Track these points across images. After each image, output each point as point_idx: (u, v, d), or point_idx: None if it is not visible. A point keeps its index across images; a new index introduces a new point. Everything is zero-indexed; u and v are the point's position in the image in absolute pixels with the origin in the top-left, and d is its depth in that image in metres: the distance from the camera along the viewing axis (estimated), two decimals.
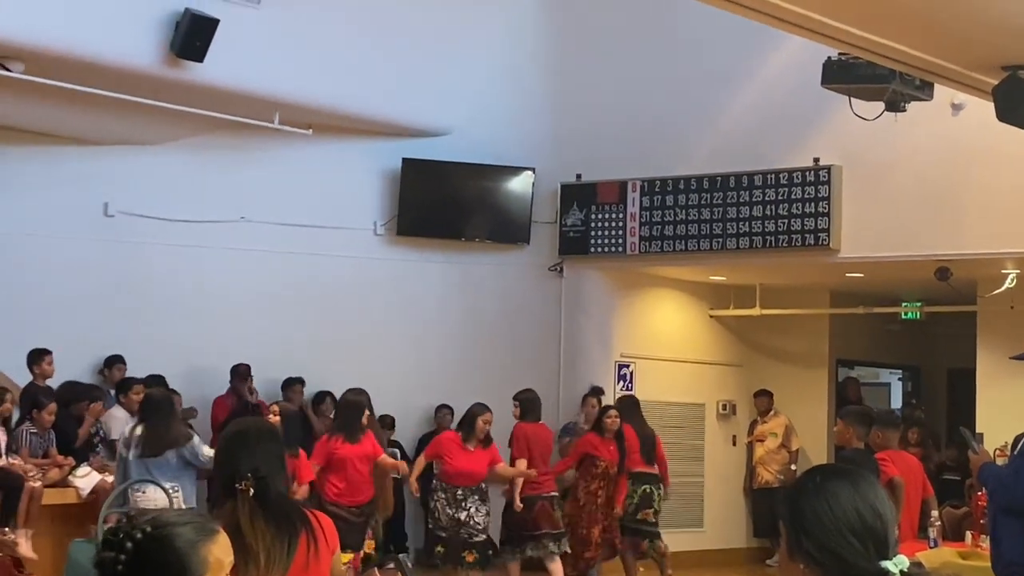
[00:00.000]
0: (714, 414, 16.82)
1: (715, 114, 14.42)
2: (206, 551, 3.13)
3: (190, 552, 3.10)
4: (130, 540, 3.06)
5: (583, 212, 15.09)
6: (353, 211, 14.92)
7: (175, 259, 13.92)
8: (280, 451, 4.91)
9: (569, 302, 15.39)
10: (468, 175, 15.20)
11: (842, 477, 3.04)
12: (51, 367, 12.28)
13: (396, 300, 15.03)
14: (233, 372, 13.80)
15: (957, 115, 12.66)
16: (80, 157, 13.63)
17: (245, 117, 13.20)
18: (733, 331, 16.97)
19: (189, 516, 3.29)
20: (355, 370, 14.38)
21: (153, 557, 3.06)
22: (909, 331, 17.88)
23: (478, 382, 13.80)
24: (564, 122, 15.18)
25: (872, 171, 13.47)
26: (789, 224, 13.79)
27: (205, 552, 3.13)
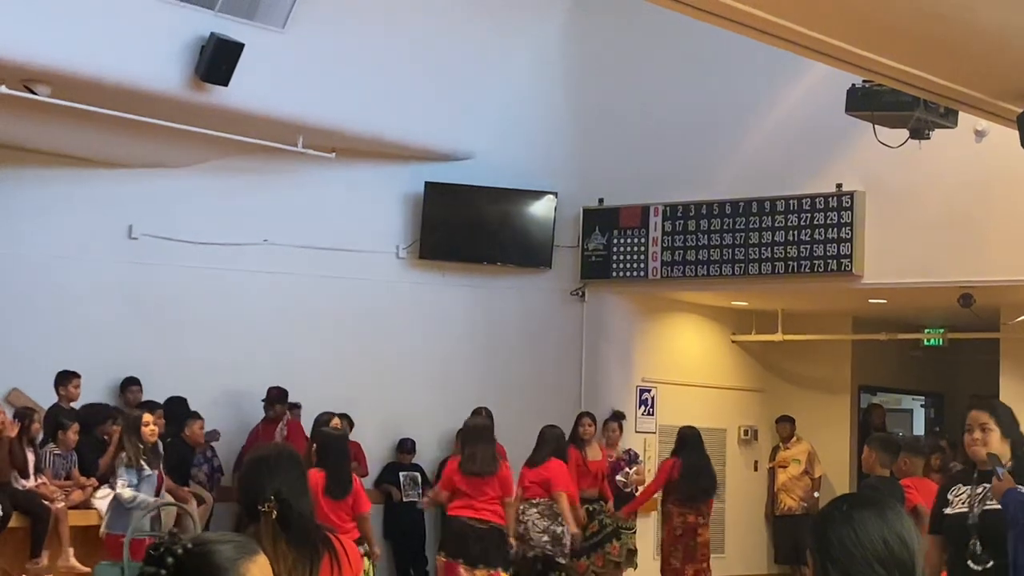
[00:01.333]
0: (736, 439, 16.79)
1: (738, 139, 14.42)
2: (245, 570, 3.14)
3: (229, 569, 3.11)
4: (171, 555, 3.09)
5: (605, 236, 15.09)
6: (376, 235, 14.95)
7: (199, 281, 13.95)
8: (303, 475, 4.93)
9: (591, 326, 15.39)
10: (490, 199, 15.22)
11: (870, 506, 3.04)
12: (77, 390, 12.36)
13: (418, 324, 15.05)
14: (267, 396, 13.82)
15: (980, 142, 12.65)
16: (105, 180, 13.69)
17: (269, 140, 13.25)
18: (755, 356, 16.95)
19: (231, 536, 3.32)
20: (376, 393, 14.43)
21: (193, 573, 3.07)
22: (932, 357, 17.83)
23: (499, 406, 13.80)
24: (586, 147, 15.20)
25: (895, 197, 13.45)
26: (812, 250, 13.77)
27: (244, 571, 3.14)
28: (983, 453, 6.36)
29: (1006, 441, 6.35)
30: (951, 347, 16.54)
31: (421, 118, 14.44)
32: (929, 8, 6.71)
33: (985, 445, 6.34)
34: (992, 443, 6.33)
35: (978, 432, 6.38)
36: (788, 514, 16.17)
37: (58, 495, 11.15)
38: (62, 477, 11.66)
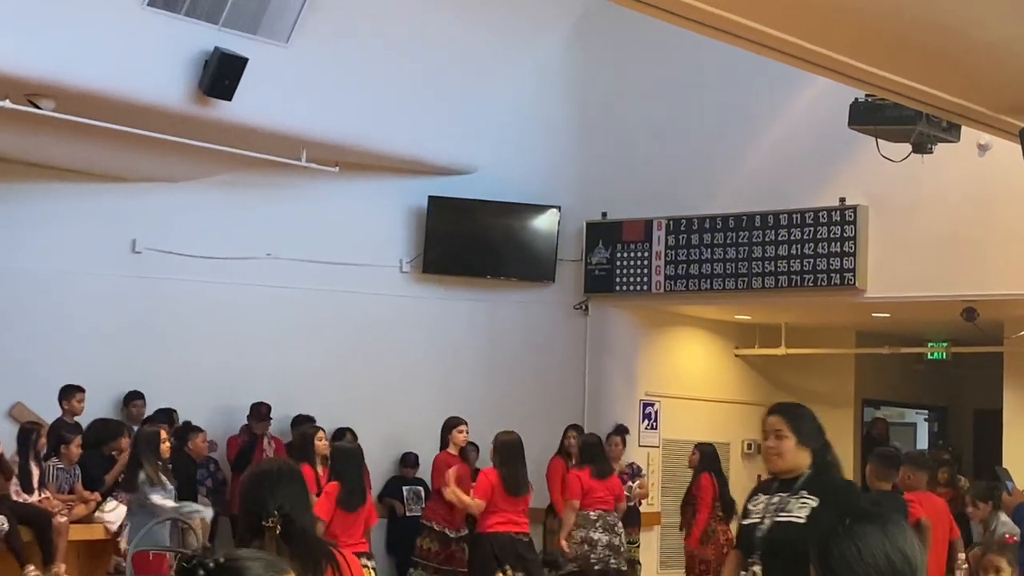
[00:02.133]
0: (739, 453, 16.77)
1: (741, 153, 14.43)
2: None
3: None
4: (203, 569, 3.12)
5: (608, 250, 15.09)
6: (379, 249, 14.96)
7: (202, 295, 13.96)
8: (304, 490, 4.94)
9: (594, 340, 15.38)
10: (494, 213, 15.23)
11: (872, 521, 3.04)
12: (81, 405, 12.36)
13: (421, 338, 15.05)
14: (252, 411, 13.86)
15: (983, 156, 12.66)
16: (108, 194, 13.71)
17: (272, 155, 13.26)
18: (758, 370, 16.94)
19: (261, 554, 3.35)
20: (379, 407, 14.43)
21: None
22: (935, 371, 17.83)
23: (503, 420, 13.77)
24: (590, 161, 15.22)
25: (898, 211, 13.45)
26: (815, 264, 13.77)
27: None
28: (778, 463, 5.98)
29: (804, 449, 5.93)
30: (954, 361, 16.53)
31: (424, 132, 14.46)
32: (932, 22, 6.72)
33: (779, 454, 5.96)
34: (786, 451, 5.94)
35: (772, 440, 6.02)
36: None
37: (60, 509, 11.15)
38: (65, 491, 11.66)
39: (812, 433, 6.00)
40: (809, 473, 5.89)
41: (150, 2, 11.39)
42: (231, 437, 13.93)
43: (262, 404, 13.85)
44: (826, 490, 5.79)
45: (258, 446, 13.64)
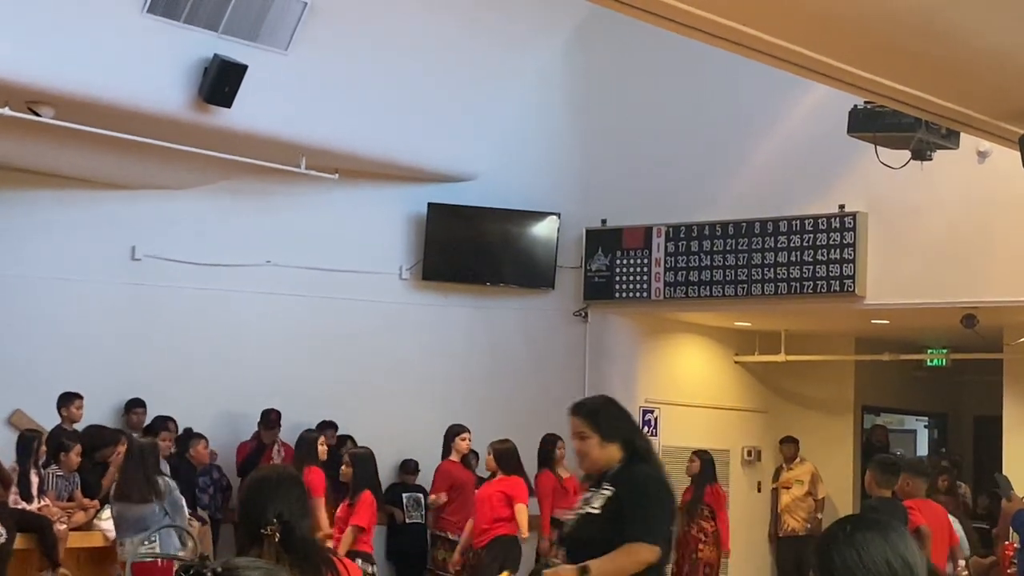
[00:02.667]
0: (739, 460, 16.77)
1: (740, 160, 14.44)
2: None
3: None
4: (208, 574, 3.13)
5: (608, 257, 15.10)
6: (379, 256, 14.96)
7: (202, 303, 13.96)
8: (304, 497, 4.93)
9: (594, 347, 15.39)
10: (494, 220, 15.23)
11: (873, 528, 3.05)
12: (80, 411, 12.35)
13: (421, 345, 15.05)
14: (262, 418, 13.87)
15: (983, 163, 12.67)
16: (108, 201, 13.71)
17: (272, 162, 13.27)
18: (758, 377, 16.94)
19: (260, 563, 3.35)
20: (380, 414, 14.42)
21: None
22: (935, 378, 17.83)
23: (502, 427, 13.77)
24: (590, 168, 15.22)
25: (898, 218, 13.46)
26: (814, 270, 13.78)
27: None
28: (586, 464, 5.91)
29: (611, 444, 5.85)
30: (954, 367, 16.54)
31: (424, 139, 14.46)
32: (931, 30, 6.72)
33: (585, 455, 5.89)
34: (591, 450, 5.87)
35: (577, 442, 5.97)
36: (792, 535, 16.15)
37: (60, 516, 11.14)
38: (64, 499, 11.66)
39: (615, 425, 5.93)
40: (618, 466, 5.84)
41: (150, 9, 11.40)
42: (241, 443, 13.92)
43: (272, 411, 13.84)
44: (623, 479, 5.78)
45: (267, 453, 13.64)
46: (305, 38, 12.43)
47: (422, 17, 13.38)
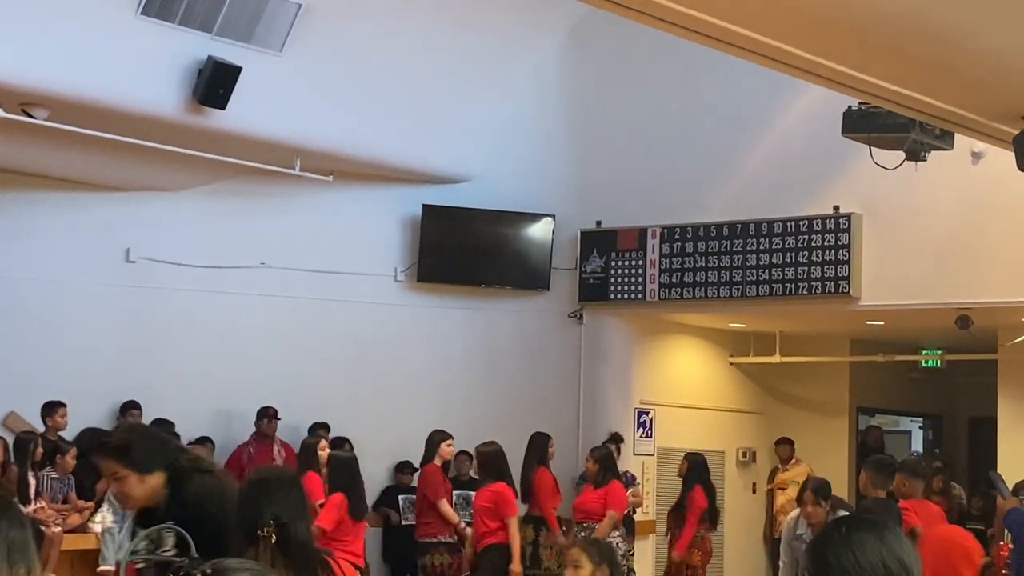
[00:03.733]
0: (734, 461, 16.78)
1: (735, 162, 14.45)
2: None
3: None
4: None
5: (603, 259, 15.10)
6: (373, 257, 14.96)
7: (196, 305, 13.95)
8: (302, 499, 4.92)
9: (589, 348, 15.39)
10: (488, 222, 15.23)
11: (868, 528, 3.04)
12: (64, 420, 12.29)
13: (416, 346, 15.04)
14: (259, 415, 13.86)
15: (977, 164, 12.68)
16: (102, 203, 13.70)
17: (266, 164, 13.26)
18: (753, 378, 16.95)
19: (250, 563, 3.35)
20: (375, 416, 14.42)
21: None
22: (930, 379, 17.85)
23: (497, 428, 13.77)
24: (584, 169, 15.23)
25: (892, 219, 13.47)
26: (809, 272, 13.78)
27: None
28: (130, 504, 5.39)
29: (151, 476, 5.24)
30: (949, 369, 16.56)
31: (419, 141, 14.46)
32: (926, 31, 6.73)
33: (128, 495, 5.30)
34: (132, 490, 5.28)
35: (115, 484, 5.33)
36: None
37: (55, 519, 11.13)
38: (60, 501, 11.65)
39: (149, 454, 5.30)
40: (166, 498, 5.24)
41: (144, 11, 11.39)
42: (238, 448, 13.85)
43: (268, 407, 13.81)
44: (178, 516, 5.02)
45: (268, 452, 13.59)
46: (299, 40, 12.42)
47: (417, 19, 13.38)
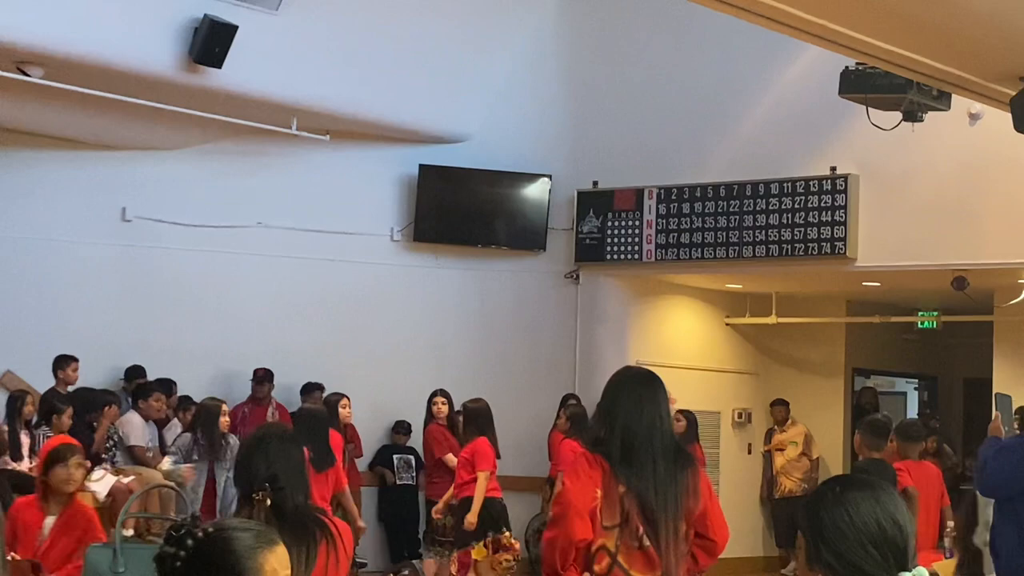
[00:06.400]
0: (730, 422, 16.81)
1: (732, 123, 14.42)
2: (263, 559, 3.19)
3: (248, 557, 3.17)
4: (191, 538, 3.14)
5: (599, 219, 15.09)
6: (370, 217, 14.95)
7: (192, 264, 13.96)
8: (301, 459, 4.92)
9: (585, 309, 15.40)
10: (485, 182, 15.21)
11: (863, 488, 3.05)
12: (76, 374, 12.36)
13: (412, 306, 15.05)
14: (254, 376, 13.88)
15: (974, 125, 12.65)
16: (98, 162, 13.68)
17: (263, 123, 13.24)
18: (749, 339, 16.97)
19: (251, 524, 3.37)
20: (371, 375, 14.44)
21: (211, 557, 3.14)
22: (925, 340, 17.87)
23: (493, 388, 13.80)
24: (581, 129, 15.20)
25: (889, 180, 13.46)
26: (806, 233, 13.78)
27: (262, 560, 3.19)
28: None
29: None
30: (945, 330, 16.58)
31: (416, 100, 14.43)
32: None
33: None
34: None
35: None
36: (788, 496, 16.20)
37: None
38: None
39: None
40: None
41: None
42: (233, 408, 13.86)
43: (259, 369, 13.84)
44: None
45: (261, 413, 13.62)
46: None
47: None
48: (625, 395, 5.45)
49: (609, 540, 5.22)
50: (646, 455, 5.27)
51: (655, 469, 5.26)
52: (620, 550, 5.23)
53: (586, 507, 5.20)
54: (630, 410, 5.37)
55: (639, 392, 5.46)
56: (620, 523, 5.24)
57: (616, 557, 5.22)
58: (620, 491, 5.25)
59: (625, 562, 5.23)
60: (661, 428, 5.36)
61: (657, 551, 5.23)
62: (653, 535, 5.23)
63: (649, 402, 5.40)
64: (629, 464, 5.26)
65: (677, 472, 5.33)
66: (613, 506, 5.24)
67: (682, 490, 5.30)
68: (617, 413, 5.39)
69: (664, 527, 5.25)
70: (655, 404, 5.41)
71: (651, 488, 5.25)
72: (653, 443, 5.30)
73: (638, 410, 5.37)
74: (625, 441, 5.30)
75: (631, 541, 5.22)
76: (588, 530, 5.21)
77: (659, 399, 5.45)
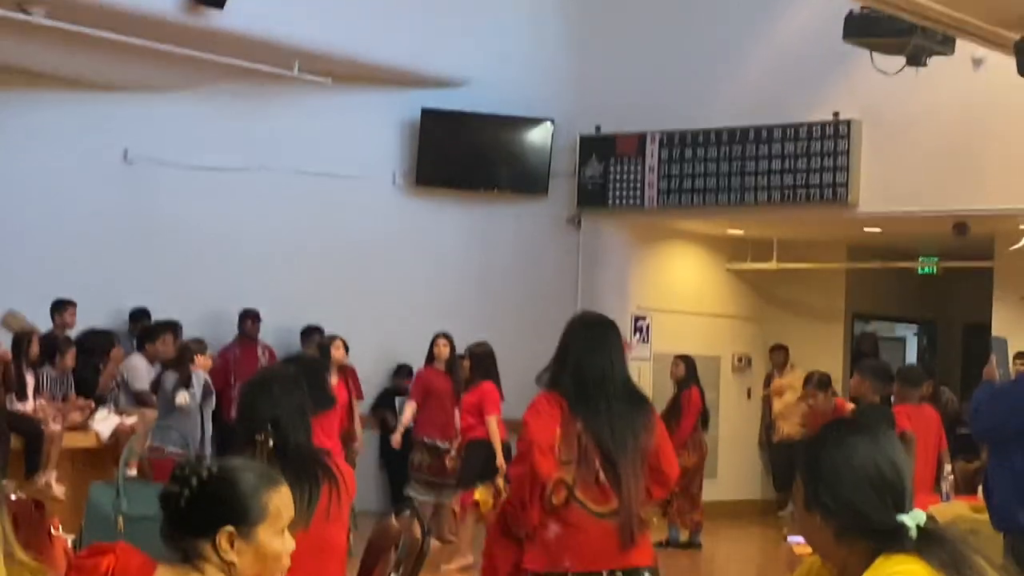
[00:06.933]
0: (730, 367, 16.85)
1: (735, 67, 14.37)
2: (267, 498, 3.24)
3: (252, 496, 3.22)
4: (196, 476, 3.18)
5: (602, 164, 15.07)
6: (372, 161, 14.93)
7: (194, 206, 13.94)
8: (303, 401, 4.94)
9: (586, 254, 15.40)
10: (487, 126, 15.18)
11: (861, 431, 3.07)
12: (73, 318, 12.35)
13: (414, 250, 15.05)
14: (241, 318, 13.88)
15: (978, 70, 12.61)
16: (100, 103, 13.64)
17: (265, 65, 13.20)
18: (750, 284, 16.98)
19: (256, 464, 3.41)
20: (373, 319, 14.47)
21: (216, 495, 3.18)
22: (926, 286, 17.88)
23: (494, 332, 13.82)
24: (584, 74, 15.14)
25: (892, 126, 13.43)
26: (808, 178, 13.77)
27: (266, 499, 3.23)
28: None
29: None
30: (945, 275, 16.58)
31: (418, 44, 14.38)
32: None
33: None
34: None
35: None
36: (786, 440, 16.25)
37: (55, 416, 11.20)
38: (59, 399, 11.71)
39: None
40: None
41: None
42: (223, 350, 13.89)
43: (250, 309, 13.83)
44: None
45: (252, 355, 13.65)
46: None
47: None
48: (577, 339, 5.72)
49: (567, 474, 5.45)
50: (599, 395, 5.53)
51: (609, 409, 5.51)
52: (577, 484, 5.45)
53: (549, 444, 5.45)
54: (582, 354, 5.62)
55: (590, 336, 5.73)
56: (577, 458, 5.48)
57: (573, 491, 5.44)
58: (577, 428, 5.49)
59: (582, 495, 5.45)
60: (612, 370, 5.61)
61: (613, 486, 5.46)
62: (611, 471, 5.47)
63: (600, 346, 5.65)
64: (584, 404, 5.51)
65: (632, 412, 5.58)
66: (570, 442, 5.48)
67: (638, 428, 5.55)
68: (569, 356, 5.65)
69: (621, 464, 5.49)
70: (605, 348, 5.65)
71: (606, 426, 5.50)
72: (605, 384, 5.54)
73: (589, 353, 5.61)
74: (578, 382, 5.56)
75: (588, 476, 5.46)
76: (552, 466, 5.44)
77: (609, 343, 5.70)
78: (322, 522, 4.65)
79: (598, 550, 5.48)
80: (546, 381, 5.71)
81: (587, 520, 5.44)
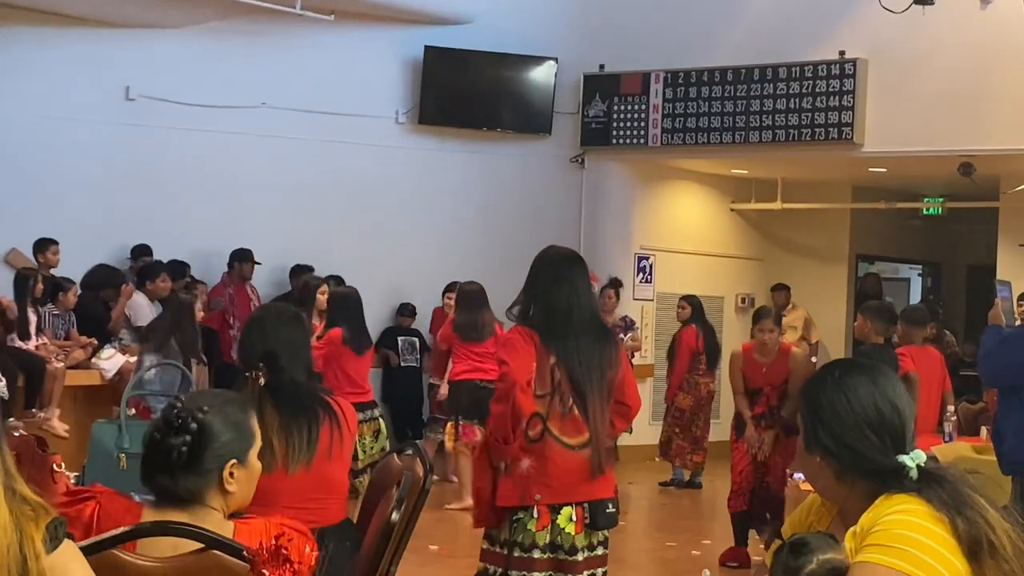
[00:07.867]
0: (733, 307, 16.85)
1: (741, 6, 14.28)
2: (251, 420, 3.30)
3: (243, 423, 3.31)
4: (194, 421, 3.20)
5: (605, 103, 15.01)
6: (375, 99, 14.86)
7: (196, 144, 13.88)
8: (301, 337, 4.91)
9: (590, 193, 15.37)
10: (491, 64, 15.11)
11: (862, 372, 3.06)
12: (56, 257, 12.24)
13: (416, 189, 15.02)
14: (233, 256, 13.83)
15: (985, 9, 12.51)
16: (101, 39, 13.55)
17: (267, 2, 13.11)
18: (754, 225, 16.95)
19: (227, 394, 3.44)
20: (376, 258, 14.46)
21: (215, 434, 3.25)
22: (930, 227, 17.85)
23: (497, 272, 13.79)
24: (588, 12, 15.05)
25: (898, 65, 13.35)
26: (813, 118, 13.71)
27: (251, 421, 3.33)
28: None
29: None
30: (950, 216, 16.54)
31: None
32: None
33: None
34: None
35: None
36: None
37: (57, 354, 11.21)
38: (61, 337, 11.72)
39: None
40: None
41: None
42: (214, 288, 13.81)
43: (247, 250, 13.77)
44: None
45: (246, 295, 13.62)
46: None
47: None
48: (544, 274, 5.86)
49: (541, 407, 5.64)
50: (567, 329, 5.68)
51: (577, 342, 5.67)
52: (550, 416, 5.64)
53: (526, 380, 5.62)
54: (548, 288, 5.79)
55: (557, 271, 5.84)
56: (551, 392, 5.66)
57: (547, 423, 5.62)
58: (551, 362, 5.66)
59: (554, 428, 5.64)
60: (579, 304, 5.76)
61: (584, 417, 5.65)
62: (580, 403, 5.66)
63: (566, 281, 5.78)
64: (556, 337, 5.67)
65: (599, 345, 5.75)
66: (544, 376, 5.66)
67: (605, 362, 5.71)
68: (537, 291, 5.82)
69: (590, 395, 5.67)
70: (572, 283, 5.79)
71: (575, 359, 5.67)
72: (572, 318, 5.70)
73: (556, 288, 5.76)
74: (547, 316, 5.72)
75: (560, 408, 5.65)
76: (531, 403, 5.62)
77: (576, 277, 5.83)
78: (324, 460, 4.65)
79: (568, 483, 5.67)
80: (517, 315, 5.84)
81: (559, 452, 5.62)
